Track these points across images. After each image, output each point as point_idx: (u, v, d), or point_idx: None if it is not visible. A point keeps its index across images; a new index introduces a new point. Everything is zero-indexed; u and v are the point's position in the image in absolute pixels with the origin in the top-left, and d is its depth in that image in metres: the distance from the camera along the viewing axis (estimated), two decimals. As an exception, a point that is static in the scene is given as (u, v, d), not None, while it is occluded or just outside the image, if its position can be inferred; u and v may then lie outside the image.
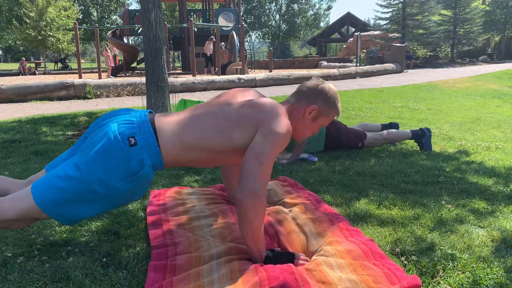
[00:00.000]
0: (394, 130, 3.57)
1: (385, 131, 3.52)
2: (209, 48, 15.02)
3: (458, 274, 1.49)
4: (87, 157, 1.51)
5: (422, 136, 3.50)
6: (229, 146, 1.57)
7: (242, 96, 1.69)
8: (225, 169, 2.09)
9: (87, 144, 1.55)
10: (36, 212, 1.53)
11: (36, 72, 20.89)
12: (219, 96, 1.73)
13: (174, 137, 1.56)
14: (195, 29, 15.47)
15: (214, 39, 14.64)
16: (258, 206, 1.44)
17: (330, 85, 1.75)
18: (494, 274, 1.49)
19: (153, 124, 1.58)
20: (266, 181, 1.47)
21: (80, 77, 12.92)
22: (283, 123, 1.54)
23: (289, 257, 1.55)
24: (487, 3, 28.40)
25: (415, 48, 21.51)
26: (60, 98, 7.99)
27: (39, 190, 1.52)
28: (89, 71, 20.70)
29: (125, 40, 17.65)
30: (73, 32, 16.41)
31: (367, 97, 7.70)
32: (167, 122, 1.60)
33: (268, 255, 1.54)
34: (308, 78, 11.74)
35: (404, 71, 15.30)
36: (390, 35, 22.39)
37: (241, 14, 22.30)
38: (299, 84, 1.80)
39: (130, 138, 1.51)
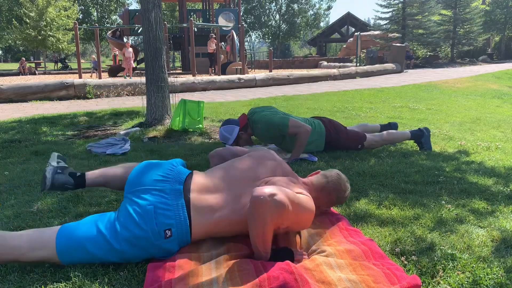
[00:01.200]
0: (393, 131, 3.57)
1: (384, 132, 3.52)
2: (211, 46, 15.01)
3: (458, 274, 1.49)
4: (122, 235, 1.52)
5: (421, 136, 3.50)
6: None
7: (264, 167, 1.80)
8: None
9: (123, 221, 1.55)
10: (52, 258, 1.53)
11: (36, 72, 20.90)
12: (242, 161, 1.82)
13: (207, 223, 1.60)
14: (195, 29, 15.47)
15: (214, 36, 14.61)
16: (276, 210, 1.45)
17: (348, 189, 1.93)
18: (494, 274, 1.49)
19: (188, 205, 1.60)
20: (286, 203, 1.49)
21: (80, 77, 12.92)
22: (311, 205, 1.67)
23: (289, 254, 1.57)
24: (487, 3, 28.40)
25: (415, 48, 21.52)
26: (60, 98, 7.99)
27: (64, 245, 1.51)
28: (89, 71, 20.68)
29: (125, 40, 17.64)
30: (73, 32, 16.40)
31: (367, 97, 7.70)
32: (201, 205, 1.61)
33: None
34: (308, 78, 11.75)
35: (404, 71, 15.31)
36: (390, 35, 22.40)
37: (241, 14, 22.30)
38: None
39: (167, 231, 1.54)
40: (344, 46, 28.05)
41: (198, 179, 1.70)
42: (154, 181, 1.64)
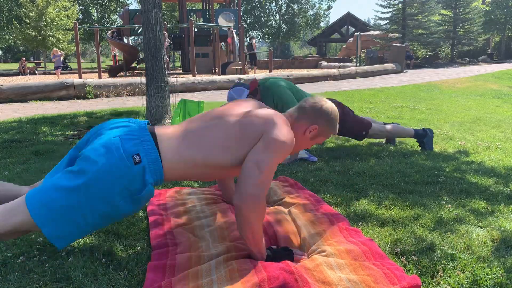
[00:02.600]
0: (398, 125, 3.54)
1: (389, 125, 3.50)
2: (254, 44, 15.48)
3: (458, 274, 1.49)
4: (88, 168, 1.44)
5: (424, 136, 3.49)
6: (232, 161, 1.56)
7: (239, 107, 1.68)
8: None
9: (87, 154, 1.47)
10: (31, 225, 1.45)
11: (36, 72, 20.89)
12: (215, 109, 1.72)
13: (177, 155, 1.54)
14: (195, 29, 15.47)
15: (254, 37, 14.89)
16: (257, 210, 1.43)
17: (333, 106, 1.74)
18: (494, 274, 1.49)
19: (154, 138, 1.55)
20: (265, 187, 1.45)
21: (80, 77, 12.92)
22: (285, 131, 1.54)
23: (289, 254, 1.57)
24: (487, 3, 28.39)
25: (415, 48, 21.52)
26: (60, 98, 7.99)
27: (35, 202, 1.44)
28: (89, 71, 20.69)
29: (125, 40, 17.63)
30: (73, 32, 16.40)
31: (367, 97, 7.70)
32: (167, 136, 1.57)
33: (268, 254, 1.55)
34: (308, 78, 11.75)
35: (404, 71, 15.31)
36: (390, 35, 22.39)
37: (241, 14, 22.29)
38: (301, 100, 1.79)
39: (135, 156, 1.48)
40: (344, 46, 28.04)
41: (163, 125, 1.65)
42: (116, 121, 1.61)
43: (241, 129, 1.56)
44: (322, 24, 45.82)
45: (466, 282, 1.44)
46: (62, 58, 15.44)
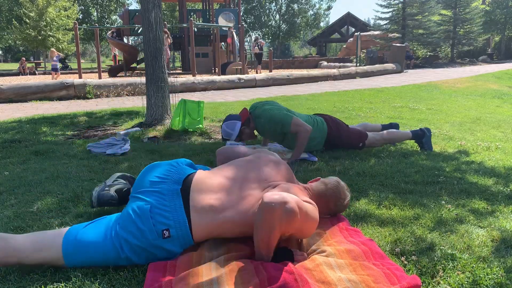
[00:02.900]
0: (394, 130, 3.57)
1: (385, 131, 3.52)
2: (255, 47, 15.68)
3: (458, 274, 1.49)
4: (122, 231, 1.54)
5: (422, 137, 3.50)
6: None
7: (276, 173, 1.80)
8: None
9: (123, 220, 1.56)
10: (55, 261, 1.53)
11: (36, 72, 20.89)
12: (252, 161, 1.83)
13: (209, 224, 1.59)
14: (195, 29, 15.47)
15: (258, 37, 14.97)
16: (286, 219, 1.44)
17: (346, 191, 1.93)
18: (494, 274, 1.49)
19: (187, 206, 1.59)
20: (297, 211, 1.47)
21: (80, 77, 12.91)
22: (316, 214, 1.63)
23: (289, 254, 1.57)
24: (487, 3, 28.40)
25: (415, 48, 21.52)
26: (60, 98, 7.99)
27: (72, 247, 1.52)
28: (89, 71, 20.69)
29: (125, 40, 17.63)
30: (73, 32, 16.40)
31: (367, 97, 7.70)
32: (201, 205, 1.60)
33: None
34: (308, 78, 11.75)
35: (404, 71, 15.31)
36: (390, 35, 22.39)
37: (241, 14, 22.30)
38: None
39: (164, 231, 1.53)
40: (344, 46, 28.04)
41: (200, 178, 1.68)
42: (150, 183, 1.64)
43: None
44: (322, 24, 45.84)
45: (466, 282, 1.44)
46: (58, 58, 15.33)
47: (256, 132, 3.43)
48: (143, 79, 8.95)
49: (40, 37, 25.03)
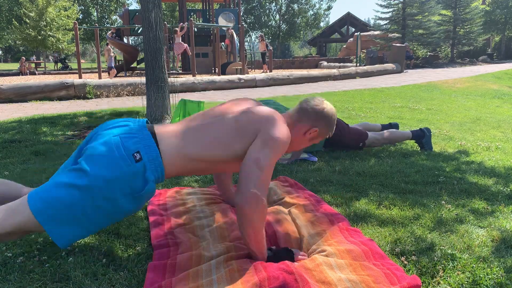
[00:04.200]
0: (394, 130, 3.57)
1: (385, 131, 3.52)
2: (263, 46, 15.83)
3: (458, 274, 1.49)
4: (90, 167, 1.45)
5: (422, 137, 3.50)
6: (230, 156, 1.58)
7: (238, 105, 1.70)
8: None
9: (88, 153, 1.49)
10: (33, 225, 1.46)
11: (36, 72, 20.89)
12: (214, 107, 1.74)
13: (175, 150, 1.56)
14: (195, 29, 15.47)
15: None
16: (259, 209, 1.43)
17: (332, 108, 1.77)
18: (494, 274, 1.49)
19: (154, 136, 1.57)
20: (266, 185, 1.46)
21: (80, 77, 12.92)
22: (282, 129, 1.56)
23: (289, 254, 1.57)
24: (487, 3, 28.40)
25: (415, 48, 21.51)
26: (60, 98, 7.99)
27: (38, 201, 1.45)
28: (89, 71, 20.69)
29: (125, 40, 17.62)
30: (73, 32, 16.40)
31: (367, 97, 7.70)
32: (167, 134, 1.59)
33: (268, 255, 1.55)
34: (309, 78, 11.75)
35: (404, 71, 15.30)
36: (390, 35, 22.38)
37: (241, 14, 22.29)
38: (301, 100, 1.80)
39: (135, 154, 1.50)
40: (344, 46, 28.03)
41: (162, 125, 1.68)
42: (115, 121, 1.63)
43: (239, 125, 1.58)
44: (322, 24, 45.84)
45: (466, 282, 1.44)
46: (113, 57, 15.12)
47: None
48: (143, 79, 8.95)
49: (40, 37, 25.03)
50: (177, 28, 14.29)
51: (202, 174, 1.68)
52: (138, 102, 7.19)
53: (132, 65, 16.77)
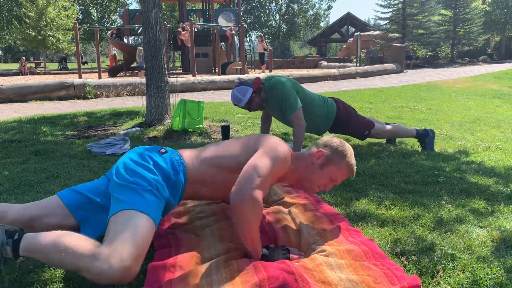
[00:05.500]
0: (399, 124, 3.54)
1: (391, 125, 3.50)
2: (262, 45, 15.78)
3: (458, 274, 1.49)
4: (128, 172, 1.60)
5: (426, 136, 3.49)
6: (234, 164, 1.71)
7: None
8: None
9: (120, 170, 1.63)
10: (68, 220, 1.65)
11: (39, 72, 20.89)
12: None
13: (195, 156, 1.76)
14: (195, 29, 15.46)
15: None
16: (256, 210, 1.46)
17: (344, 142, 1.84)
18: (494, 274, 1.49)
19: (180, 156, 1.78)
20: (263, 189, 1.51)
21: (80, 77, 12.91)
22: (282, 144, 1.69)
23: (285, 252, 1.58)
24: (487, 3, 28.41)
25: (415, 48, 21.52)
26: (60, 98, 7.99)
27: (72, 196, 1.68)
28: (89, 71, 20.69)
29: (125, 40, 17.63)
30: (73, 32, 16.39)
31: (367, 97, 7.70)
32: (184, 151, 1.80)
33: (263, 253, 1.57)
34: (308, 78, 11.75)
35: (404, 71, 15.31)
36: (390, 35, 22.39)
37: (241, 14, 22.30)
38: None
39: (161, 150, 1.73)
40: (344, 46, 28.03)
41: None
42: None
43: (246, 143, 1.76)
44: (322, 24, 45.86)
45: (466, 282, 1.44)
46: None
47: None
48: (143, 79, 8.95)
49: (40, 37, 25.03)
50: (180, 29, 14.33)
51: (214, 187, 1.78)
52: (138, 102, 7.19)
53: (132, 65, 16.76)
